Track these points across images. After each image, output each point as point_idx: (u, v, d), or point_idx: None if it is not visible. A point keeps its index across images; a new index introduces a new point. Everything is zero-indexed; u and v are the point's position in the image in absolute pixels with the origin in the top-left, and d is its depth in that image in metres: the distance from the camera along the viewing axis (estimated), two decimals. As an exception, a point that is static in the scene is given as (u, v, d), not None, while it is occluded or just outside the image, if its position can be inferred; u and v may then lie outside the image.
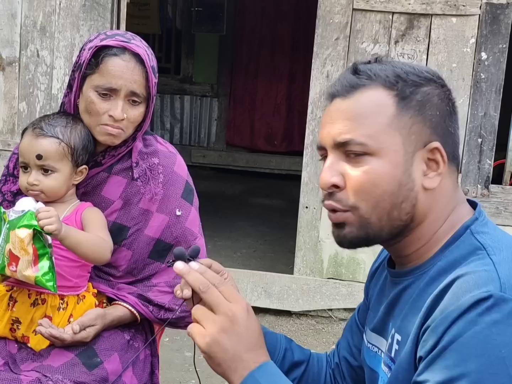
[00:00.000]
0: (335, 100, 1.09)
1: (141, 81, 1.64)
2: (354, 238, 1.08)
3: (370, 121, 1.05)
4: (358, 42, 3.75)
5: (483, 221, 1.08)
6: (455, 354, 0.91)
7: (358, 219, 1.06)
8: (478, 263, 0.98)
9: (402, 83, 1.06)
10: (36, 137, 1.63)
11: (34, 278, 1.53)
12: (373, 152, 1.04)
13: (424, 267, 1.08)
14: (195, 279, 1.00)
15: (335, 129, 1.07)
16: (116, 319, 1.70)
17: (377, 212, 1.05)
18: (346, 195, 1.06)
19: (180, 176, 1.81)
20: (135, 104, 1.66)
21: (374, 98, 1.06)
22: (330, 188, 1.07)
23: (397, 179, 1.04)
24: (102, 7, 3.83)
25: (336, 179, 1.06)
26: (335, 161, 1.08)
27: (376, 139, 1.04)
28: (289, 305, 3.96)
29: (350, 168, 1.06)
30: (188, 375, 3.15)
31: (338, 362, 1.37)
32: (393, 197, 1.05)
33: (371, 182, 1.04)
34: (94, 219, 1.68)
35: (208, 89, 8.12)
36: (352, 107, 1.07)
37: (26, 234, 1.50)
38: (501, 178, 3.93)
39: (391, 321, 1.13)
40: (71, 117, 1.68)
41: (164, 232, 1.77)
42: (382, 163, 1.04)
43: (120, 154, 1.74)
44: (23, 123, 3.97)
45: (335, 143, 1.07)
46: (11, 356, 1.62)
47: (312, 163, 3.85)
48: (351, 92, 1.07)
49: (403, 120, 1.05)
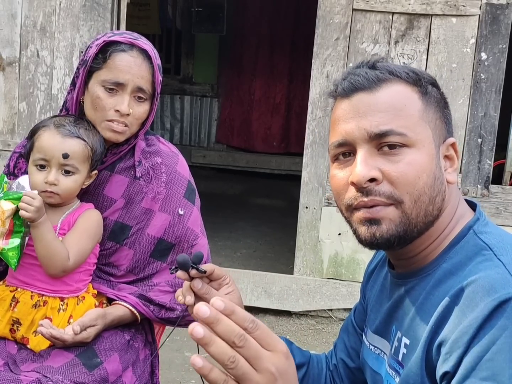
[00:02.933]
0: (358, 94, 1.06)
1: (148, 77, 1.65)
2: (392, 236, 1.03)
3: (405, 113, 1.04)
4: (358, 43, 3.75)
5: (484, 221, 1.08)
6: (491, 364, 0.88)
7: (400, 214, 1.02)
8: (487, 265, 0.97)
9: (422, 80, 1.07)
10: (62, 136, 1.61)
11: (0, 249, 1.57)
12: (412, 143, 1.03)
13: (428, 268, 1.06)
14: (227, 329, 0.74)
15: (368, 122, 1.03)
16: (116, 319, 1.70)
17: (417, 207, 1.02)
18: (389, 188, 1.02)
19: (183, 176, 1.81)
20: (140, 100, 1.67)
21: (402, 92, 1.06)
22: (366, 183, 1.02)
23: (433, 171, 1.04)
24: (102, 7, 3.83)
25: (374, 172, 1.02)
26: (369, 156, 1.04)
27: (414, 131, 1.03)
28: (289, 305, 3.96)
29: (387, 161, 1.03)
30: (188, 375, 3.15)
31: (335, 363, 1.37)
32: (431, 190, 1.03)
33: (415, 174, 1.02)
34: (81, 223, 1.67)
35: (208, 89, 8.12)
36: (383, 99, 1.04)
37: (9, 208, 1.55)
38: (501, 178, 3.93)
39: (394, 323, 1.12)
40: (84, 120, 1.68)
41: (166, 232, 1.77)
42: (421, 154, 1.03)
43: (122, 152, 1.75)
44: (23, 123, 3.97)
45: (370, 135, 1.03)
46: (11, 357, 1.62)
47: (312, 163, 3.85)
48: (378, 85, 1.05)
49: (429, 114, 1.06)
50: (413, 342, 1.04)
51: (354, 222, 1.07)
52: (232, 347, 0.74)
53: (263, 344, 0.77)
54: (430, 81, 1.09)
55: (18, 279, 1.66)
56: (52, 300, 1.65)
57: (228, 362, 0.73)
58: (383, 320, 1.16)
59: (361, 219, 1.05)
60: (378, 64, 1.09)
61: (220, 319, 0.74)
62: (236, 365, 0.74)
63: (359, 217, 1.05)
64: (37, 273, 1.64)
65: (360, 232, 1.06)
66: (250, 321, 0.77)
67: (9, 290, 1.67)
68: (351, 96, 1.06)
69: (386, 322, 1.15)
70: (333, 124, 1.10)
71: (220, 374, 0.74)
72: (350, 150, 1.07)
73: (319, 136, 3.82)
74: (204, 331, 0.73)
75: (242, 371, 0.74)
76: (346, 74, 1.10)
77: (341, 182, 1.08)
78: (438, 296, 1.00)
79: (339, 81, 1.10)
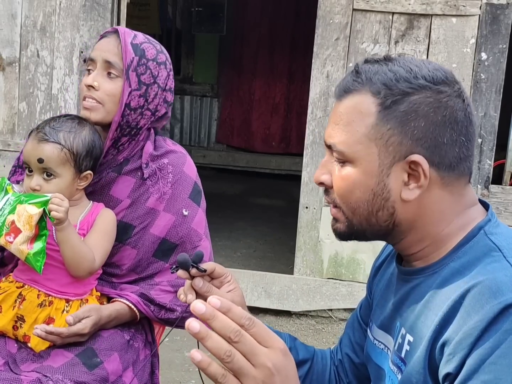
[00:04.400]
0: (336, 101, 1.11)
1: (115, 51, 1.68)
2: (342, 233, 1.13)
3: (350, 129, 1.06)
4: (358, 43, 3.75)
5: (495, 223, 1.07)
6: (493, 367, 0.87)
7: (344, 218, 1.11)
8: (495, 266, 0.97)
9: (386, 92, 1.03)
10: (38, 142, 1.62)
11: (26, 254, 1.56)
12: (350, 160, 1.06)
13: (435, 266, 1.06)
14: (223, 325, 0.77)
15: (328, 131, 1.11)
16: (113, 313, 1.69)
17: (356, 216, 1.09)
18: (334, 195, 1.11)
19: (189, 177, 1.81)
20: (111, 76, 1.68)
21: (359, 105, 1.05)
22: (320, 185, 1.13)
23: (370, 188, 1.06)
24: (102, 7, 3.83)
25: (324, 177, 1.11)
26: (328, 160, 1.11)
27: (353, 148, 1.05)
28: (289, 305, 3.96)
29: (336, 169, 1.09)
30: (188, 375, 3.15)
31: (341, 358, 1.37)
32: (368, 205, 1.07)
33: (345, 188, 1.08)
34: (100, 224, 1.68)
35: (208, 89, 8.12)
36: (340, 111, 1.08)
37: (36, 212, 1.54)
38: (501, 178, 3.93)
39: (398, 319, 1.12)
40: (78, 121, 1.67)
41: (169, 232, 1.77)
42: (357, 171, 1.06)
43: (121, 144, 1.73)
44: (23, 123, 3.97)
45: (325, 144, 1.11)
46: (10, 356, 1.62)
47: (312, 163, 3.85)
48: (344, 96, 1.08)
49: (380, 131, 1.03)
50: (417, 340, 1.03)
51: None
52: (229, 342, 0.76)
53: (260, 340, 0.79)
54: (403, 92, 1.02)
55: (27, 275, 1.66)
56: (58, 301, 1.65)
57: (224, 356, 0.75)
58: (388, 315, 1.16)
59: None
60: (361, 70, 1.07)
61: (216, 315, 0.76)
62: (232, 359, 0.76)
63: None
64: (49, 272, 1.64)
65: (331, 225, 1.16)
66: (247, 318, 0.78)
67: (16, 286, 1.67)
68: (335, 101, 1.12)
69: (391, 317, 1.15)
70: None
71: (219, 368, 0.76)
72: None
73: (319, 136, 3.82)
74: (200, 325, 0.75)
75: (239, 365, 0.76)
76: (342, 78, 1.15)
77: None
78: (444, 295, 1.00)
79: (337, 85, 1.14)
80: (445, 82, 1.04)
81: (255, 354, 0.78)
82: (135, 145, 1.75)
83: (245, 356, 0.77)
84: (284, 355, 0.81)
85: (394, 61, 1.07)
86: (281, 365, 0.80)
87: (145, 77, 1.68)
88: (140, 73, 1.67)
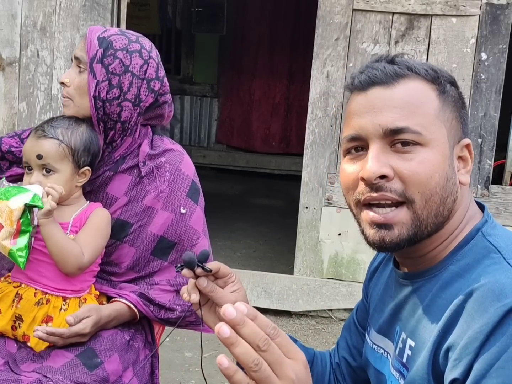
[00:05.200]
0: (375, 88, 1.04)
1: (82, 46, 1.71)
2: (402, 240, 1.02)
3: (421, 111, 1.02)
4: (358, 43, 3.75)
5: (492, 224, 1.06)
6: (502, 371, 0.87)
7: (412, 215, 1.01)
8: (496, 269, 0.96)
9: (441, 78, 1.06)
10: (37, 138, 1.65)
11: (9, 250, 1.57)
12: (426, 142, 1.01)
13: (435, 269, 1.05)
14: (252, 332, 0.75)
15: (384, 117, 1.01)
16: (113, 313, 1.69)
17: (428, 207, 1.01)
18: (400, 186, 1.01)
19: (187, 175, 1.81)
20: (80, 71, 1.70)
21: (420, 89, 1.04)
22: (377, 180, 1.01)
23: (445, 171, 1.02)
24: (102, 7, 3.83)
25: (386, 169, 1.00)
26: (381, 152, 1.02)
27: (429, 129, 1.01)
28: (289, 305, 3.96)
29: (400, 159, 1.01)
30: (188, 375, 3.15)
31: (338, 362, 1.36)
32: (443, 190, 1.02)
33: (427, 173, 1.00)
34: (92, 223, 1.69)
35: (208, 89, 8.12)
36: (400, 95, 1.02)
37: (17, 207, 1.55)
38: (501, 178, 3.93)
39: (398, 323, 1.11)
40: (74, 119, 1.71)
41: (167, 230, 1.77)
42: (435, 154, 1.01)
43: (114, 142, 1.73)
44: (23, 123, 3.97)
45: (385, 131, 1.01)
46: (10, 356, 1.62)
47: (312, 163, 3.85)
48: (396, 80, 1.03)
49: (446, 114, 1.04)
50: (419, 344, 1.03)
51: (362, 222, 1.06)
52: (256, 350, 0.75)
53: (284, 351, 0.78)
54: (449, 80, 1.07)
55: (24, 274, 1.67)
56: (55, 299, 1.66)
57: (252, 365, 0.74)
58: (386, 320, 1.15)
59: (369, 222, 1.04)
60: (397, 59, 1.06)
61: (246, 322, 0.75)
62: (260, 368, 0.74)
63: (367, 219, 1.04)
64: (44, 269, 1.65)
65: (369, 235, 1.04)
66: (272, 327, 0.78)
67: (13, 286, 1.68)
68: (367, 90, 1.04)
69: (389, 322, 1.14)
70: (348, 117, 1.08)
71: (244, 377, 0.75)
72: (362, 145, 1.05)
73: (319, 136, 3.82)
74: (230, 331, 0.74)
75: (265, 375, 0.75)
76: (363, 68, 1.08)
77: (351, 177, 1.06)
78: (445, 298, 0.99)
79: (356, 74, 1.08)
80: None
81: (281, 364, 0.77)
82: (131, 143, 1.75)
83: (270, 365, 0.76)
84: (305, 368, 0.80)
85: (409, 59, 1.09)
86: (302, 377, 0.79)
87: (113, 66, 1.66)
88: (107, 64, 1.66)
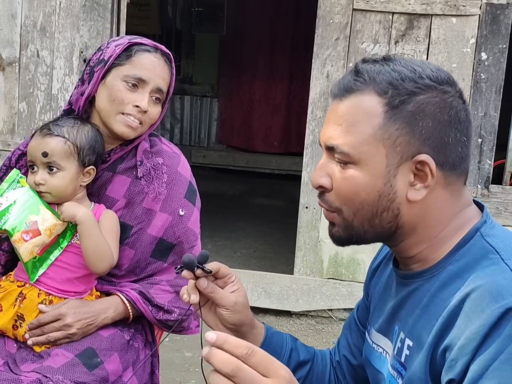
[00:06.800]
0: (334, 100, 1.09)
1: (167, 80, 1.72)
2: (340, 237, 1.12)
3: (355, 129, 1.04)
4: (358, 42, 3.75)
5: (491, 224, 1.06)
6: (498, 373, 0.87)
7: (342, 221, 1.09)
8: (494, 269, 0.96)
9: (393, 91, 1.02)
10: (43, 137, 1.65)
11: (32, 257, 1.59)
12: (354, 161, 1.04)
13: (434, 270, 1.05)
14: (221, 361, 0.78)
15: (327, 132, 1.08)
16: (105, 301, 1.71)
17: (358, 218, 1.07)
18: (332, 198, 1.09)
19: (184, 177, 1.82)
20: (157, 101, 1.71)
21: (364, 105, 1.03)
22: (319, 189, 1.10)
23: (376, 189, 1.04)
24: (102, 7, 3.83)
25: (323, 180, 1.09)
26: (326, 162, 1.09)
27: (359, 149, 1.03)
28: (289, 305, 3.96)
29: (337, 171, 1.07)
30: (188, 375, 3.15)
31: (338, 360, 1.37)
32: (372, 206, 1.05)
33: (350, 190, 1.05)
34: (109, 226, 1.70)
35: (208, 89, 8.13)
36: (342, 112, 1.06)
37: (60, 222, 1.59)
38: (501, 178, 3.93)
39: (396, 323, 1.11)
40: (79, 119, 1.71)
41: (166, 232, 1.78)
42: (362, 173, 1.04)
43: (124, 152, 1.76)
44: (23, 123, 3.97)
45: (324, 145, 1.09)
46: (10, 356, 1.62)
47: (312, 163, 3.85)
48: (346, 96, 1.06)
49: (388, 131, 1.02)
50: (417, 344, 1.03)
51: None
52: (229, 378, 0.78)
53: (261, 369, 0.79)
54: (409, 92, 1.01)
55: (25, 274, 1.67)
56: (57, 301, 1.66)
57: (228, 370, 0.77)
58: (386, 319, 1.15)
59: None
60: (361, 68, 1.06)
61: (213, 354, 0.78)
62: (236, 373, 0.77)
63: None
64: (49, 270, 1.65)
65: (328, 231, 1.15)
66: (246, 347, 0.79)
67: (17, 285, 1.68)
68: (332, 101, 1.10)
69: (389, 321, 1.14)
70: None
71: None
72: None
73: (319, 136, 3.81)
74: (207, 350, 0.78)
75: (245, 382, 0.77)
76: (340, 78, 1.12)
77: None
78: (443, 299, 0.99)
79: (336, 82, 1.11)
80: (448, 82, 1.05)
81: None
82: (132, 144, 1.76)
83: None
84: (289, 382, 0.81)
85: (395, 61, 1.06)
86: None
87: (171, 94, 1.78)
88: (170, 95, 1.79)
